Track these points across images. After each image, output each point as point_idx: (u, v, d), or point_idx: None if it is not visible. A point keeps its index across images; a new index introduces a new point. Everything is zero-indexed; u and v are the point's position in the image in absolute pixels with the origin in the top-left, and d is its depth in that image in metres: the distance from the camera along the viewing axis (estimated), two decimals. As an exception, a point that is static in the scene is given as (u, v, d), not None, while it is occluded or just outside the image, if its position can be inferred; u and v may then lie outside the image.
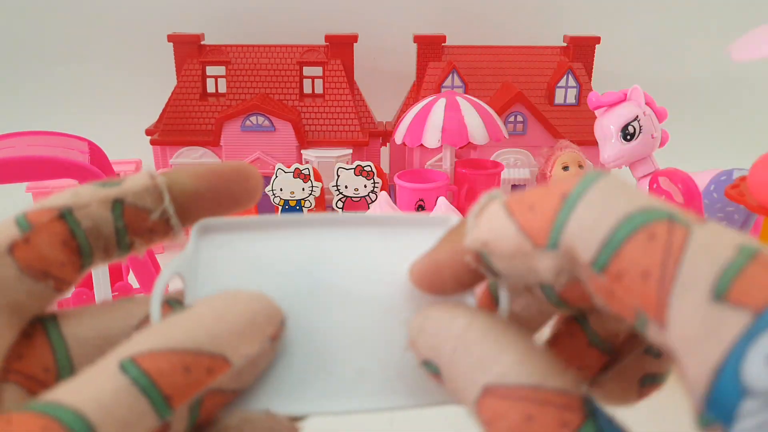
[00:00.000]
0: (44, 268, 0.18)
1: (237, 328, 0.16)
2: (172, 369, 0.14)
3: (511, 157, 0.77)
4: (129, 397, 0.14)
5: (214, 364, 0.15)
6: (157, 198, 0.19)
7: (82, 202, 0.19)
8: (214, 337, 0.15)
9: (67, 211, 0.18)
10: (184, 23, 0.94)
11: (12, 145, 0.48)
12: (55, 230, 0.18)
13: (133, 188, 0.19)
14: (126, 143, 0.84)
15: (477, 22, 0.97)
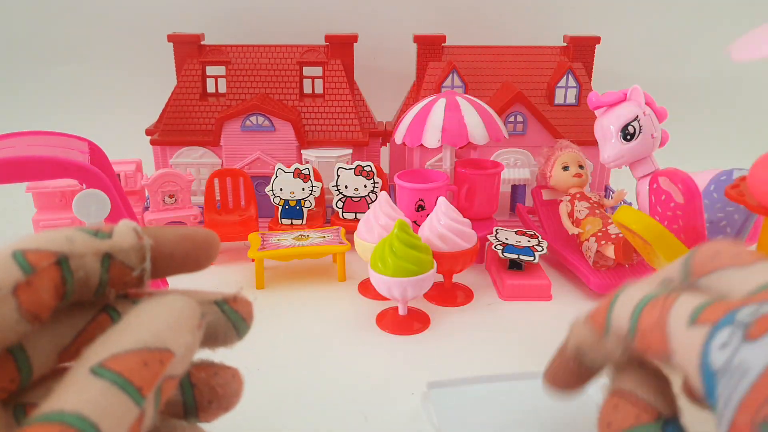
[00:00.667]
0: (38, 311, 0.19)
1: (171, 325, 0.19)
2: (135, 366, 0.17)
3: (511, 157, 0.77)
4: (112, 395, 0.16)
5: (163, 356, 0.18)
6: (140, 257, 0.22)
7: (77, 251, 0.21)
8: (156, 335, 0.18)
9: (64, 258, 0.20)
10: (184, 23, 0.94)
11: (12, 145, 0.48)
12: (52, 276, 0.20)
13: (122, 245, 0.21)
14: (126, 143, 0.84)
15: (477, 22, 0.97)
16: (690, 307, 0.22)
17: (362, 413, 0.42)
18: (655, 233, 0.41)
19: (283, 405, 0.43)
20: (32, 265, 0.20)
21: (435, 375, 0.46)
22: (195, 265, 0.23)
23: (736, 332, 0.20)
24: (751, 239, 0.50)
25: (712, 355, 0.20)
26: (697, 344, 0.21)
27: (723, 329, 0.20)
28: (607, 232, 0.60)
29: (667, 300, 0.23)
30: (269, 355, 0.49)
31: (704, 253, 0.26)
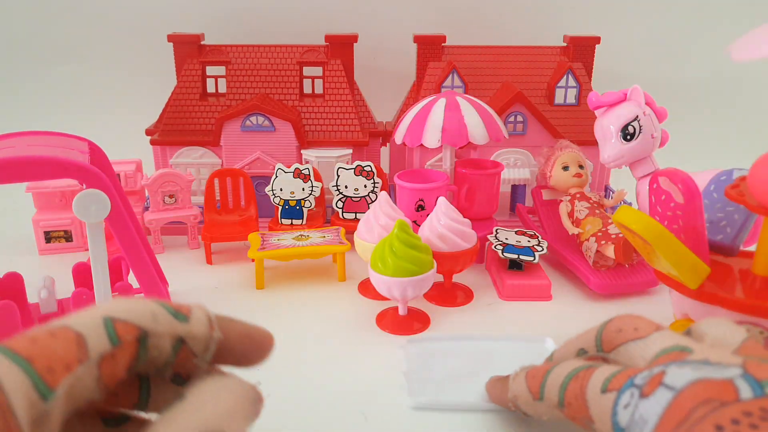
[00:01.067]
0: (111, 384, 0.21)
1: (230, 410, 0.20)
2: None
3: (511, 157, 0.77)
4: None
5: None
6: (207, 347, 0.23)
7: (158, 330, 0.22)
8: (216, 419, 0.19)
9: (145, 335, 0.21)
10: (184, 23, 0.94)
11: (12, 145, 0.48)
12: (131, 351, 0.21)
13: (196, 334, 0.23)
14: (126, 143, 0.84)
15: (477, 22, 0.97)
16: (602, 378, 0.27)
17: (362, 413, 0.42)
18: (655, 233, 0.41)
19: (283, 405, 0.43)
20: (119, 337, 0.20)
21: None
22: (247, 361, 0.25)
23: (635, 393, 0.24)
24: (751, 239, 0.50)
25: (619, 414, 0.25)
26: (608, 408, 0.26)
27: (625, 392, 0.25)
28: (607, 232, 0.60)
29: (586, 374, 0.28)
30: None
31: (610, 330, 0.32)
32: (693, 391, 0.22)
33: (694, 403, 0.22)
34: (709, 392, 0.22)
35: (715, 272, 0.45)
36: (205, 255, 0.68)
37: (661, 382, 0.24)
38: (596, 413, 0.27)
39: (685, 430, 0.21)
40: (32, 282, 0.54)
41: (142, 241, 0.54)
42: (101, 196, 0.45)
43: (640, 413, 0.23)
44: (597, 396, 0.27)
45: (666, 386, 0.23)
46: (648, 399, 0.24)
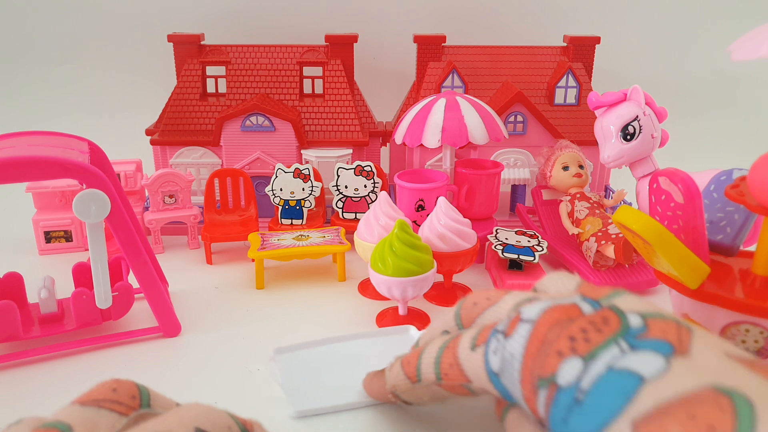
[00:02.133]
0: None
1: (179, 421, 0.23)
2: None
3: (511, 157, 0.77)
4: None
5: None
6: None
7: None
8: None
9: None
10: (184, 23, 0.94)
11: (12, 145, 0.48)
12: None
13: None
14: (126, 143, 0.84)
15: (477, 22, 0.97)
16: (469, 338, 0.29)
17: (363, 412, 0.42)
18: (655, 233, 0.41)
19: (283, 404, 0.43)
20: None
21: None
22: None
23: (500, 337, 0.27)
24: (751, 239, 0.50)
25: (491, 362, 0.27)
26: (480, 360, 0.28)
27: (492, 340, 0.27)
28: (607, 232, 0.60)
29: (454, 342, 0.30)
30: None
31: (466, 306, 0.33)
32: (546, 317, 0.26)
33: (548, 326, 0.25)
34: (559, 314, 0.25)
35: (715, 272, 0.45)
36: (205, 255, 0.68)
37: (519, 319, 0.27)
38: (471, 371, 0.28)
39: (545, 349, 0.24)
40: (32, 282, 0.54)
41: (142, 241, 0.55)
42: (101, 196, 0.45)
43: (509, 352, 0.26)
44: (468, 355, 0.29)
45: (524, 321, 0.26)
46: (512, 337, 0.26)
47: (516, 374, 0.25)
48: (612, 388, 0.22)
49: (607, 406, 0.21)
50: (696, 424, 0.19)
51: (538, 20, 0.98)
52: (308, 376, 0.46)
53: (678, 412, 0.20)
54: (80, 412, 0.24)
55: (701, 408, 0.20)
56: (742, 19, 1.00)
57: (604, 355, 0.23)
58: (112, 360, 0.49)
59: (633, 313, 0.25)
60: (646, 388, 0.21)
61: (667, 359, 0.22)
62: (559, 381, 0.23)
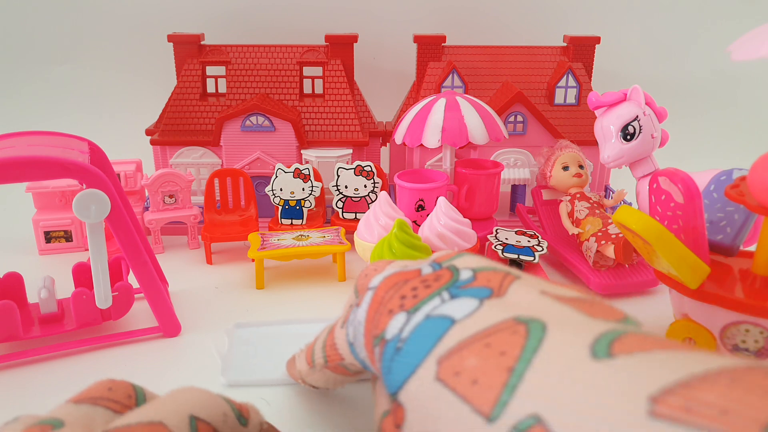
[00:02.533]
0: None
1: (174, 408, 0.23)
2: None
3: (511, 157, 0.77)
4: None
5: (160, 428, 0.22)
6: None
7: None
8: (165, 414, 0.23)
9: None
10: (184, 23, 0.94)
11: (12, 145, 0.48)
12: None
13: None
14: (126, 143, 0.84)
15: (477, 22, 0.97)
16: (341, 320, 0.31)
17: (361, 409, 0.42)
18: (655, 233, 0.41)
19: (283, 404, 0.43)
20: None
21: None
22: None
23: (353, 309, 0.28)
24: (751, 239, 0.50)
25: (349, 334, 0.29)
26: (343, 335, 0.29)
27: (350, 316, 0.29)
28: (607, 232, 0.60)
29: (334, 324, 0.31)
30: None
31: (360, 278, 0.34)
32: (385, 282, 0.27)
33: (386, 289, 0.26)
34: (397, 278, 0.27)
35: (715, 272, 0.45)
36: (205, 255, 0.68)
37: (366, 287, 0.28)
38: (341, 349, 0.30)
39: (380, 310, 0.26)
40: (32, 282, 0.54)
41: (142, 241, 0.54)
42: (101, 196, 0.45)
43: (357, 320, 0.27)
44: (339, 333, 0.30)
45: (369, 288, 0.28)
46: (360, 306, 0.28)
47: (361, 338, 0.27)
48: (426, 333, 0.23)
49: (419, 350, 0.22)
50: (491, 352, 0.20)
51: (538, 20, 0.98)
52: (254, 352, 0.49)
53: (476, 344, 0.21)
54: (74, 409, 0.24)
55: (497, 336, 0.20)
56: (742, 19, 1.00)
57: (426, 306, 0.24)
58: (112, 360, 0.49)
59: (467, 268, 0.26)
60: (454, 328, 0.22)
61: (480, 301, 0.23)
62: (387, 335, 0.24)
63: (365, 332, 0.27)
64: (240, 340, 0.50)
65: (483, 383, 0.19)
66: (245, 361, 0.47)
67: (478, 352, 0.20)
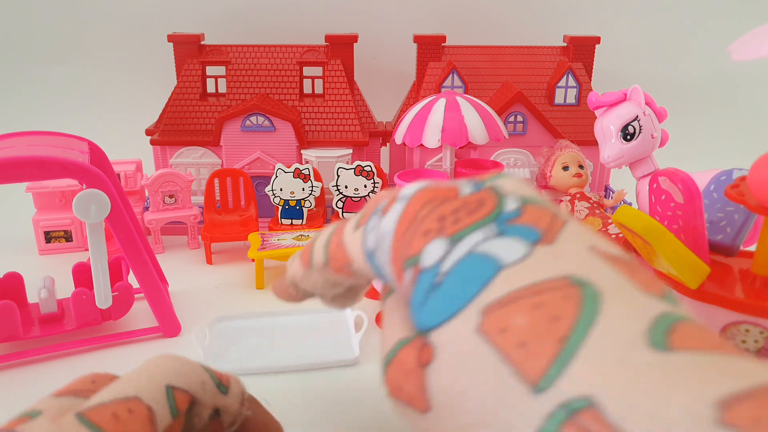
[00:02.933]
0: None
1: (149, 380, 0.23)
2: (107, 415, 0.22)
3: (511, 157, 0.77)
4: None
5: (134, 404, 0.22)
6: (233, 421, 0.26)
7: (204, 401, 0.24)
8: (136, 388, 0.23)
9: (194, 404, 0.24)
10: (184, 23, 0.94)
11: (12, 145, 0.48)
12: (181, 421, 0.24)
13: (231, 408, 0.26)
14: (126, 143, 0.84)
15: (477, 22, 0.97)
16: (354, 219, 0.27)
17: (361, 410, 0.42)
18: (655, 233, 0.41)
19: (283, 403, 0.43)
20: (178, 409, 0.23)
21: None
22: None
23: (378, 215, 0.25)
24: (751, 239, 0.50)
25: (368, 240, 0.25)
26: (359, 239, 0.26)
27: (371, 220, 0.26)
28: (607, 232, 0.60)
29: (342, 224, 0.29)
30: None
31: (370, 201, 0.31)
32: (419, 195, 0.24)
33: (420, 204, 0.24)
34: (432, 194, 0.24)
35: (715, 272, 0.45)
36: (205, 255, 0.68)
37: (396, 198, 0.25)
38: (351, 251, 0.27)
39: (414, 228, 0.23)
40: (32, 282, 0.54)
41: (142, 241, 0.54)
42: (101, 196, 0.45)
43: (382, 229, 0.25)
44: (351, 235, 0.27)
45: (398, 199, 0.25)
46: (386, 215, 0.25)
47: (387, 252, 0.24)
48: (470, 273, 0.21)
49: (462, 291, 0.21)
50: (541, 314, 0.18)
51: (538, 20, 0.98)
52: (233, 344, 0.50)
53: (526, 300, 0.19)
54: (55, 401, 0.23)
55: (549, 295, 0.19)
56: (742, 19, 1.00)
57: (469, 238, 0.22)
58: (112, 360, 0.49)
59: (513, 196, 0.23)
60: (502, 275, 0.20)
61: (530, 246, 0.21)
62: (422, 262, 0.22)
63: (392, 247, 0.24)
64: (219, 334, 0.52)
65: (532, 349, 0.18)
66: (225, 352, 0.49)
67: (528, 311, 0.19)
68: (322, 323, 0.54)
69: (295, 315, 0.55)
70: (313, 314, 0.56)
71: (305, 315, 0.55)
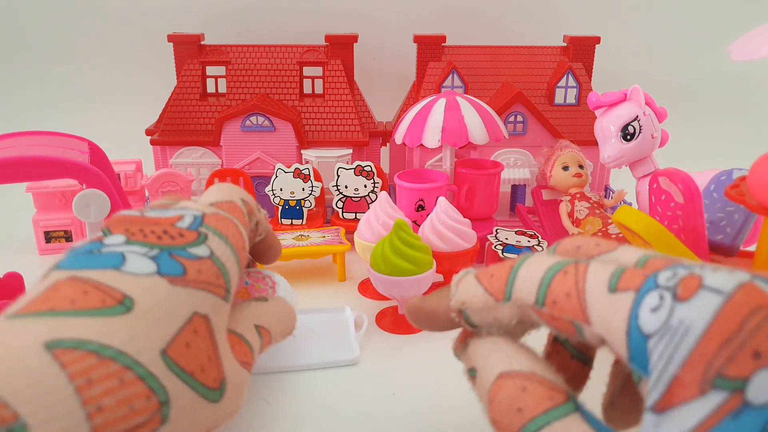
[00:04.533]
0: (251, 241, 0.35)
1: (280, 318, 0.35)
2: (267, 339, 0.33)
3: (511, 157, 0.77)
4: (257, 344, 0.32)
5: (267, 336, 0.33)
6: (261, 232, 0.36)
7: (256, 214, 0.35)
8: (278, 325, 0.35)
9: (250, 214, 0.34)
10: (184, 23, 0.94)
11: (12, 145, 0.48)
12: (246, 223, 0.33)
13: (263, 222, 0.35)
14: (126, 143, 0.84)
15: (477, 22, 0.97)
16: (606, 275, 0.23)
17: (361, 411, 0.42)
18: (655, 233, 0.41)
19: (282, 403, 0.43)
20: (248, 214, 0.33)
21: (434, 374, 0.46)
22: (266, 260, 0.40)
23: (665, 295, 0.21)
24: (751, 239, 0.50)
25: (642, 317, 0.21)
26: (624, 308, 0.22)
27: (650, 293, 0.21)
28: (607, 232, 0.60)
29: (577, 269, 0.24)
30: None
31: (566, 248, 0.28)
32: (745, 296, 0.20)
33: (746, 310, 0.19)
34: (756, 297, 0.20)
35: (715, 272, 0.45)
36: (205, 255, 0.68)
37: (702, 284, 0.21)
38: (600, 314, 0.22)
39: (738, 340, 0.19)
40: (32, 282, 0.54)
41: (142, 241, 0.54)
42: (101, 196, 0.45)
43: (680, 318, 0.20)
44: (603, 295, 0.22)
45: (708, 288, 0.20)
46: (689, 302, 0.20)
47: (684, 351, 0.20)
48: None
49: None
50: None
51: (538, 20, 0.98)
52: None
53: None
54: None
55: None
56: (743, 19, 1.00)
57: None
58: (112, 360, 0.49)
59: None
60: None
61: None
62: (750, 393, 0.18)
63: (696, 350, 0.19)
64: None
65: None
66: None
67: None
68: (322, 323, 0.54)
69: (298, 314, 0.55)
70: (313, 314, 0.55)
71: (305, 314, 0.55)
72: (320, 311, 0.56)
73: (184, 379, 0.23)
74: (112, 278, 0.24)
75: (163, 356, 0.22)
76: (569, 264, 0.24)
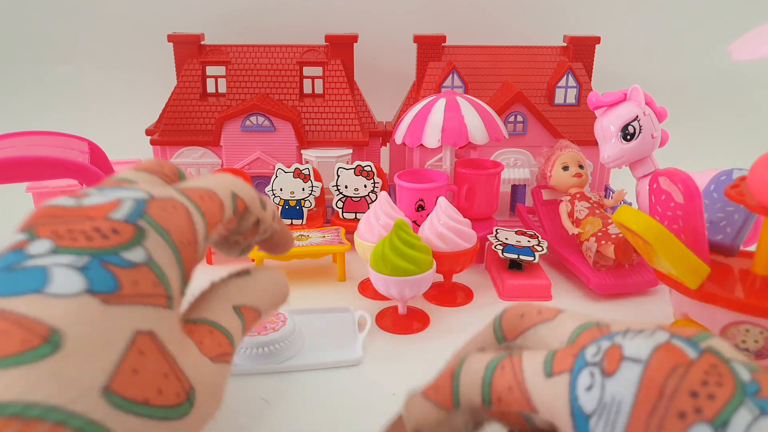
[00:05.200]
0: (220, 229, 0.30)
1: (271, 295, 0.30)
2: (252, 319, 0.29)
3: (511, 157, 0.77)
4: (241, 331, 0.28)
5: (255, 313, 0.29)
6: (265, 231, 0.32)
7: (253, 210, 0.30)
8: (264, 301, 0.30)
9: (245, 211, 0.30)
10: (184, 23, 0.94)
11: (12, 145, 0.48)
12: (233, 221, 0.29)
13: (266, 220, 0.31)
14: (126, 143, 0.84)
15: (477, 22, 0.97)
16: (539, 361, 0.24)
17: (361, 411, 0.42)
18: (655, 233, 0.41)
19: (285, 403, 0.43)
20: (237, 211, 0.29)
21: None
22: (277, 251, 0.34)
23: (595, 372, 0.22)
24: (751, 239, 0.50)
25: (580, 399, 0.22)
26: (563, 392, 0.23)
27: (582, 372, 0.22)
28: (607, 232, 0.60)
29: (512, 361, 0.25)
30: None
31: (512, 317, 0.30)
32: (659, 361, 0.21)
33: (664, 373, 0.21)
34: (673, 358, 0.21)
35: (715, 272, 0.45)
36: (205, 255, 0.68)
37: (623, 356, 0.22)
38: (543, 401, 0.23)
39: (664, 406, 0.20)
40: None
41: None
42: (101, 196, 0.45)
43: (611, 394, 0.21)
44: (541, 381, 0.23)
45: (628, 359, 0.22)
46: (615, 377, 0.21)
47: (621, 425, 0.21)
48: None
49: None
50: None
51: (538, 20, 0.98)
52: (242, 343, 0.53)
53: None
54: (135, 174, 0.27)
55: None
56: (742, 19, 1.00)
57: (736, 421, 0.19)
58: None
59: (737, 362, 0.21)
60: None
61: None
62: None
63: (631, 421, 0.20)
64: None
65: None
66: None
67: None
68: (325, 323, 0.54)
69: (298, 315, 0.54)
70: (316, 314, 0.55)
71: (308, 315, 0.55)
72: (323, 311, 0.56)
73: (136, 411, 0.20)
74: (34, 306, 0.20)
75: (105, 395, 0.19)
76: (503, 358, 0.26)
